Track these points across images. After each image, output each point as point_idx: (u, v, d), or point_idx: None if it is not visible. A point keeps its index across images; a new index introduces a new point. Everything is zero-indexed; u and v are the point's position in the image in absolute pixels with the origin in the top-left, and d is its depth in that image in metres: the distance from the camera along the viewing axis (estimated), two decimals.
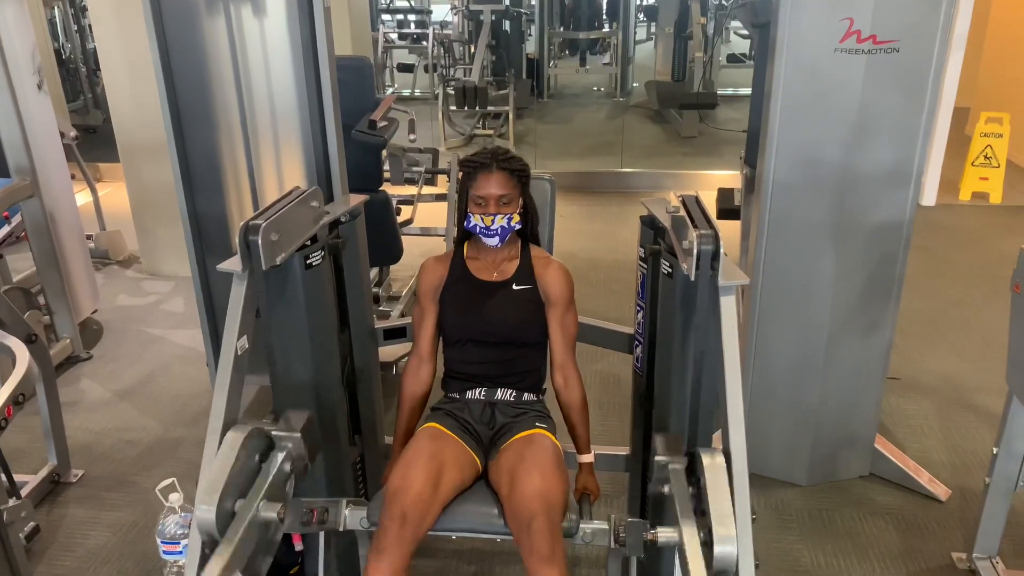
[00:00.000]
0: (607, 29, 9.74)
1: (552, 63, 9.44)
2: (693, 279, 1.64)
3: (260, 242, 1.67)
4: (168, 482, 2.29)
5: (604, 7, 9.94)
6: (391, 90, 8.96)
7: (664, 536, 1.58)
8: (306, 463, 1.76)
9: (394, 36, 9.28)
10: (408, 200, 4.19)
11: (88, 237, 4.20)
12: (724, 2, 8.23)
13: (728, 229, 1.72)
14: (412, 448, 1.84)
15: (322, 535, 1.91)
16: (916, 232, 2.47)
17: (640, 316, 2.10)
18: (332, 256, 2.03)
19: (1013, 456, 2.15)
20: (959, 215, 5.36)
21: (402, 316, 3.61)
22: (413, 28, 9.73)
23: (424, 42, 8.19)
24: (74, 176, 3.96)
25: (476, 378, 2.03)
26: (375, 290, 3.76)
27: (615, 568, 1.90)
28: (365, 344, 2.24)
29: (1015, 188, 5.72)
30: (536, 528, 1.66)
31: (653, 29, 10.16)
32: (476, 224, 1.97)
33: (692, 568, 1.44)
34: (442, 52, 8.16)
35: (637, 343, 2.14)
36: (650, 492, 1.70)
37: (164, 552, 2.27)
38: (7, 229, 4.26)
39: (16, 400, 2.17)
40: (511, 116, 7.18)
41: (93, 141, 6.70)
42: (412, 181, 4.16)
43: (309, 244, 1.91)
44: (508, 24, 7.99)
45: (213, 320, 2.80)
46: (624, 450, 2.35)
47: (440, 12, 9.77)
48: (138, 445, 2.99)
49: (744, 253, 3.28)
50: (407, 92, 8.94)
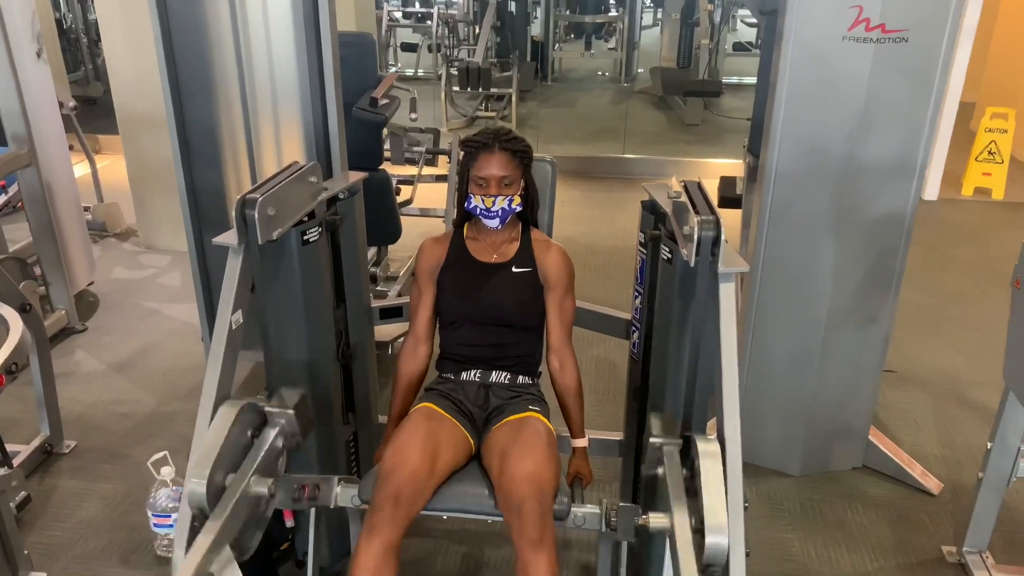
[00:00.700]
0: (614, 13, 9.67)
1: (557, 46, 9.38)
2: (693, 265, 1.62)
3: (257, 216, 1.66)
4: (160, 455, 2.29)
5: None
6: (393, 69, 8.90)
7: (655, 522, 1.59)
8: (299, 440, 1.75)
9: (398, 15, 9.21)
10: (408, 180, 4.17)
11: (85, 209, 4.18)
12: None
13: (729, 219, 1.70)
14: (407, 428, 1.83)
15: (313, 512, 1.91)
16: (917, 226, 2.45)
17: (638, 302, 2.08)
18: (329, 233, 2.01)
19: (1007, 451, 2.15)
20: (961, 210, 5.34)
21: (399, 296, 3.59)
22: (418, 7, 9.65)
23: (428, 21, 8.13)
24: (73, 147, 3.92)
25: (472, 359, 2.02)
26: (373, 270, 3.75)
27: (605, 553, 1.89)
28: (361, 322, 2.23)
29: (1018, 184, 5.69)
30: (526, 511, 1.66)
31: (660, 15, 10.09)
32: (476, 205, 1.95)
33: (682, 557, 1.43)
34: (446, 32, 8.11)
35: (634, 329, 2.13)
36: (643, 473, 1.70)
37: (155, 525, 2.28)
38: (4, 198, 4.25)
39: (9, 369, 2.15)
40: (514, 98, 7.15)
41: (93, 113, 6.66)
42: (412, 161, 4.14)
43: (306, 220, 1.90)
44: (514, 5, 7.94)
45: (209, 295, 2.79)
46: (618, 435, 2.35)
47: None
48: (131, 418, 2.98)
49: (744, 242, 3.27)
50: (410, 72, 8.89)
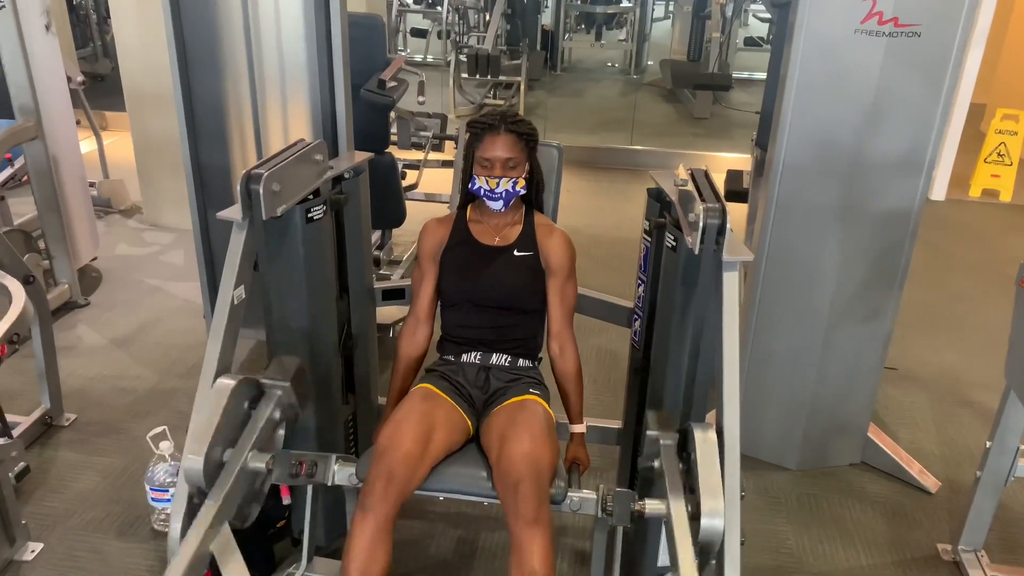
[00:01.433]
0: (625, 4, 9.62)
1: (567, 36, 9.33)
2: (697, 253, 1.62)
3: (261, 191, 1.65)
4: (159, 430, 2.30)
5: None
6: (402, 54, 8.88)
7: (652, 508, 1.59)
8: (296, 412, 1.76)
9: (409, 0, 9.17)
10: (414, 165, 4.17)
11: (91, 184, 4.17)
12: None
13: (735, 212, 1.69)
14: (403, 407, 1.84)
15: (310, 490, 1.91)
16: (923, 226, 2.45)
17: (641, 290, 2.08)
18: (334, 212, 2.01)
19: (1005, 451, 2.15)
20: (968, 211, 5.32)
21: (402, 280, 3.59)
22: None
23: (439, 8, 8.09)
24: (80, 123, 3.92)
25: (472, 342, 2.02)
26: (376, 253, 3.75)
27: (601, 538, 1.90)
28: (363, 303, 2.23)
29: None
30: (522, 491, 1.66)
31: (671, 7, 10.04)
32: (480, 186, 1.94)
33: (678, 540, 1.43)
34: (457, 19, 8.08)
35: (636, 317, 2.13)
36: (640, 466, 1.70)
37: (152, 499, 2.29)
38: (9, 171, 4.24)
39: (10, 340, 2.16)
40: (523, 87, 7.12)
41: (101, 89, 6.65)
42: (419, 146, 4.13)
43: (311, 198, 1.89)
44: None
45: (212, 272, 2.79)
46: (617, 423, 2.35)
47: None
48: (131, 393, 2.99)
49: (750, 236, 3.26)
50: (419, 57, 8.85)
